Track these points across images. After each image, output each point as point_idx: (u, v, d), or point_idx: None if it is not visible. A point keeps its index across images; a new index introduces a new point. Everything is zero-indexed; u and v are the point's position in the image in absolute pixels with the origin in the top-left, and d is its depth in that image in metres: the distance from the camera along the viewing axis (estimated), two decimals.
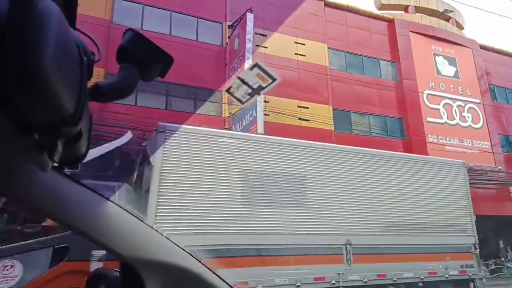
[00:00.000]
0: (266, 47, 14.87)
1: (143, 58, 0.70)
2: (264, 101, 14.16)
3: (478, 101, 19.52)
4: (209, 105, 13.68)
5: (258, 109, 10.72)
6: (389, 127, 17.16)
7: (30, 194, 0.83)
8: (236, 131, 12.34)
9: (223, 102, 13.38)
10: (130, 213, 1.04)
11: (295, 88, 15.12)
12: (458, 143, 17.92)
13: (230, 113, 13.13)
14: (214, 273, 1.15)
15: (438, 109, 18.08)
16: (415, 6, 20.08)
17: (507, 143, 20.34)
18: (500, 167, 17.40)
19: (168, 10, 14.34)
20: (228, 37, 14.23)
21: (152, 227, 1.07)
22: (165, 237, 1.09)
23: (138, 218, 1.05)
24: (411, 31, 18.74)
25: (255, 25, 14.90)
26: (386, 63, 18.18)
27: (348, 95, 16.54)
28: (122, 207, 1.04)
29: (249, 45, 12.03)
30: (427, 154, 16.52)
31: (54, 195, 0.90)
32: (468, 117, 18.86)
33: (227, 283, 1.17)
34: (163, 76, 0.76)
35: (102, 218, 0.99)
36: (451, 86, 18.97)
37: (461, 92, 19.17)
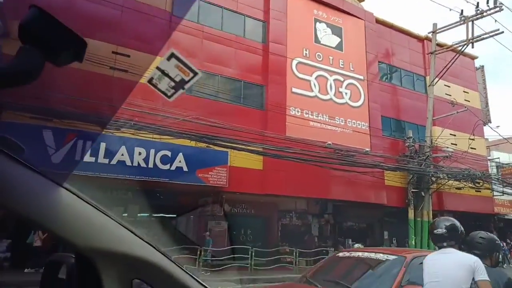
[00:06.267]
0: None
1: (47, 39, 0.63)
2: None
3: (362, 77, 17.53)
4: None
5: None
6: (245, 94, 14.69)
7: None
8: None
9: None
10: (84, 200, 1.01)
11: (113, 30, 12.21)
12: (327, 120, 15.79)
13: None
14: (175, 263, 1.14)
15: (309, 81, 15.85)
16: None
17: (391, 127, 18.59)
18: (367, 149, 15.45)
19: None
20: None
21: (108, 215, 1.05)
22: (123, 225, 1.07)
23: (93, 206, 1.02)
24: None
25: None
26: (254, 22, 15.66)
27: (194, 49, 13.82)
28: (75, 193, 1.00)
29: None
30: (285, 129, 14.26)
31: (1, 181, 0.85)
32: (346, 93, 16.80)
33: (191, 275, 1.16)
34: (81, 61, 0.73)
35: (52, 204, 0.96)
36: (330, 57, 16.80)
37: (342, 66, 17.06)
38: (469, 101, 21.22)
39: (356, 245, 10.52)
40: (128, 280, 1.09)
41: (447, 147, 16.75)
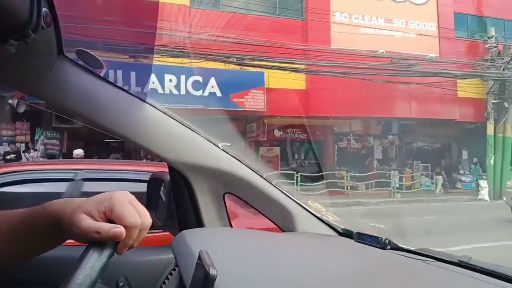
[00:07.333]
0: None
1: None
2: None
3: None
4: None
5: None
6: (281, 2, 12.90)
7: (60, 96, 0.91)
8: None
9: None
10: (171, 117, 1.05)
11: None
12: (383, 23, 13.42)
13: None
14: (263, 177, 1.13)
15: None
16: None
17: (468, 25, 15.36)
18: (432, 55, 12.95)
19: None
20: None
21: (196, 132, 1.08)
22: (210, 141, 1.10)
23: (179, 121, 1.06)
24: None
25: None
26: None
27: None
28: (162, 111, 1.03)
29: None
30: (329, 39, 12.49)
31: (88, 98, 0.94)
32: None
33: (279, 189, 1.15)
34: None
35: (140, 120, 1.01)
36: None
37: None
38: None
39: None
40: (219, 194, 1.12)
41: None
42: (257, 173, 1.13)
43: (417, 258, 0.93)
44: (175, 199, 1.13)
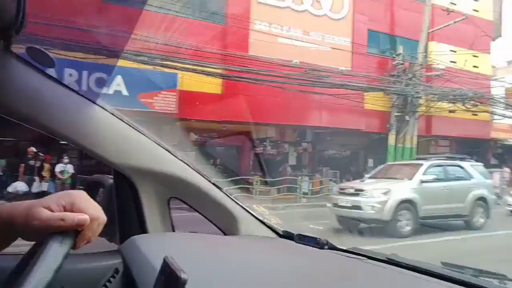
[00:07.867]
0: None
1: None
2: None
3: None
4: None
5: None
6: (202, 5, 12.66)
7: (4, 95, 0.85)
8: None
9: None
10: (120, 119, 1.01)
11: None
12: (301, 35, 13.77)
13: None
14: (211, 182, 1.13)
15: None
16: None
17: (381, 43, 16.39)
18: (342, 68, 13.60)
19: None
20: None
21: (145, 134, 1.05)
22: (159, 144, 1.07)
23: (128, 124, 1.02)
24: None
25: None
26: None
27: None
28: (111, 112, 1.00)
29: None
30: (247, 46, 12.48)
31: (34, 97, 0.90)
32: (326, 3, 14.46)
33: (227, 194, 1.16)
34: None
35: (89, 123, 0.97)
36: None
37: None
38: (477, 11, 18.42)
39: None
40: (165, 198, 1.11)
41: (438, 64, 14.71)
42: (205, 177, 1.13)
43: (351, 256, 1.01)
44: (118, 204, 1.09)
